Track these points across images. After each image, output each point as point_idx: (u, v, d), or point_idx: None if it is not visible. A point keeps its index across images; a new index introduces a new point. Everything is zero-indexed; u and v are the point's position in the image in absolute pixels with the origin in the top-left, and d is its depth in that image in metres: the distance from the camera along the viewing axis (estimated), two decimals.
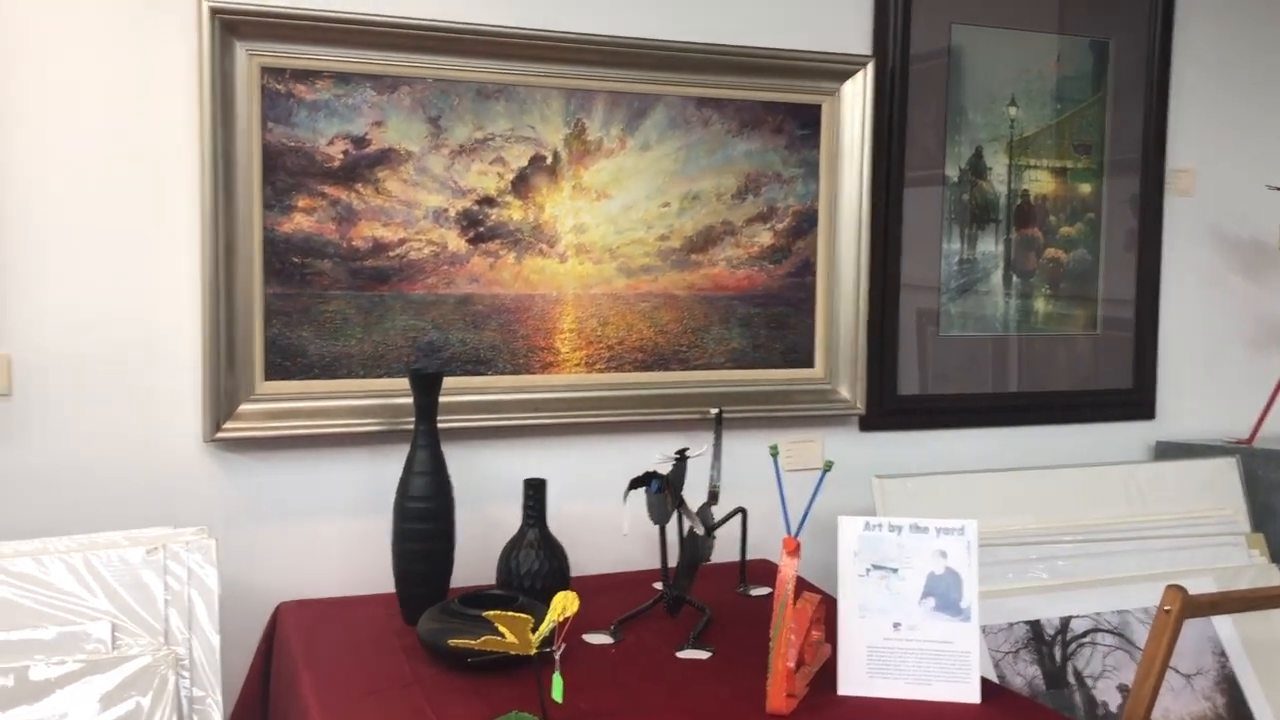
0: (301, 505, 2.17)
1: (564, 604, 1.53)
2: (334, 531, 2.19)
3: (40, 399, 2.00)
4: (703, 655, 1.86)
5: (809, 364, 2.49)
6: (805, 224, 2.46)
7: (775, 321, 2.46)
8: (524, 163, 2.23)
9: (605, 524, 2.26)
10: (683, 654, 1.87)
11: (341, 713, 1.62)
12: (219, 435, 2.06)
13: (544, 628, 1.52)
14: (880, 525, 1.75)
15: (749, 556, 2.24)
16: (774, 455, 1.83)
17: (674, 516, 1.98)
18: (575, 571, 2.11)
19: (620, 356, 2.34)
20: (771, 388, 2.46)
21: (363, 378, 2.16)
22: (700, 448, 2.07)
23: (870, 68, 2.43)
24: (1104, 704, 2.28)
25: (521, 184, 2.24)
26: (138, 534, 1.84)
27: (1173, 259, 2.87)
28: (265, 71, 2.05)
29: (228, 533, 2.07)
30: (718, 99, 2.36)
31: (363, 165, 2.13)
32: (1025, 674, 2.27)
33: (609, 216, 2.30)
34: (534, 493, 2.05)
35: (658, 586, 2.10)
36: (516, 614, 1.51)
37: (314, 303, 2.12)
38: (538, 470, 2.19)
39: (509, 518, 2.10)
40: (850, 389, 2.51)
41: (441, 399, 2.01)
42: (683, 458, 2.03)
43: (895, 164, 2.55)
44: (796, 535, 1.70)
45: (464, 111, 2.19)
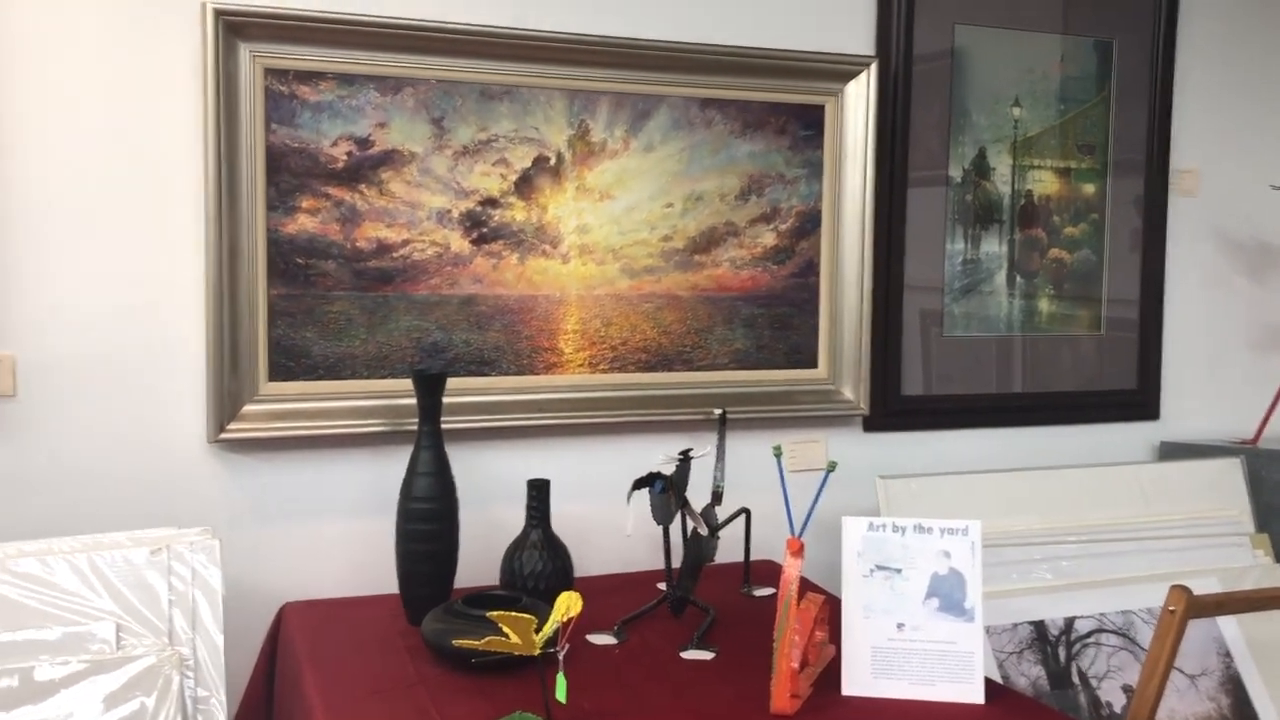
0: (305, 506, 2.17)
1: (567, 604, 1.53)
2: (338, 532, 2.19)
3: (44, 400, 2.00)
4: (706, 656, 1.86)
5: (812, 364, 2.49)
6: (809, 225, 2.46)
7: (779, 322, 2.46)
8: (527, 164, 2.24)
9: (609, 525, 2.26)
10: (686, 654, 1.87)
11: (346, 713, 1.62)
12: (223, 436, 2.06)
13: (547, 628, 1.52)
14: (884, 526, 1.75)
15: (753, 557, 2.24)
16: (777, 456, 1.83)
17: (677, 517, 1.98)
18: (579, 572, 2.11)
19: (624, 357, 2.34)
20: (775, 388, 2.46)
21: (366, 378, 2.16)
22: (704, 448, 2.07)
23: (874, 68, 2.43)
24: (1108, 705, 2.28)
25: (525, 185, 2.24)
26: (142, 534, 1.84)
27: (1177, 259, 2.86)
28: (269, 73, 2.05)
29: (232, 533, 2.07)
30: (721, 100, 2.36)
31: (366, 166, 2.13)
32: (1029, 674, 2.26)
33: (612, 217, 2.31)
34: (537, 493, 2.05)
35: (661, 587, 2.11)
36: (520, 614, 1.50)
37: (318, 304, 2.12)
38: (541, 471, 2.19)
39: (512, 518, 2.10)
40: (854, 389, 2.51)
41: (445, 400, 2.01)
42: (686, 458, 2.03)
43: (899, 164, 2.55)
44: (800, 536, 1.70)
45: (467, 113, 2.19)
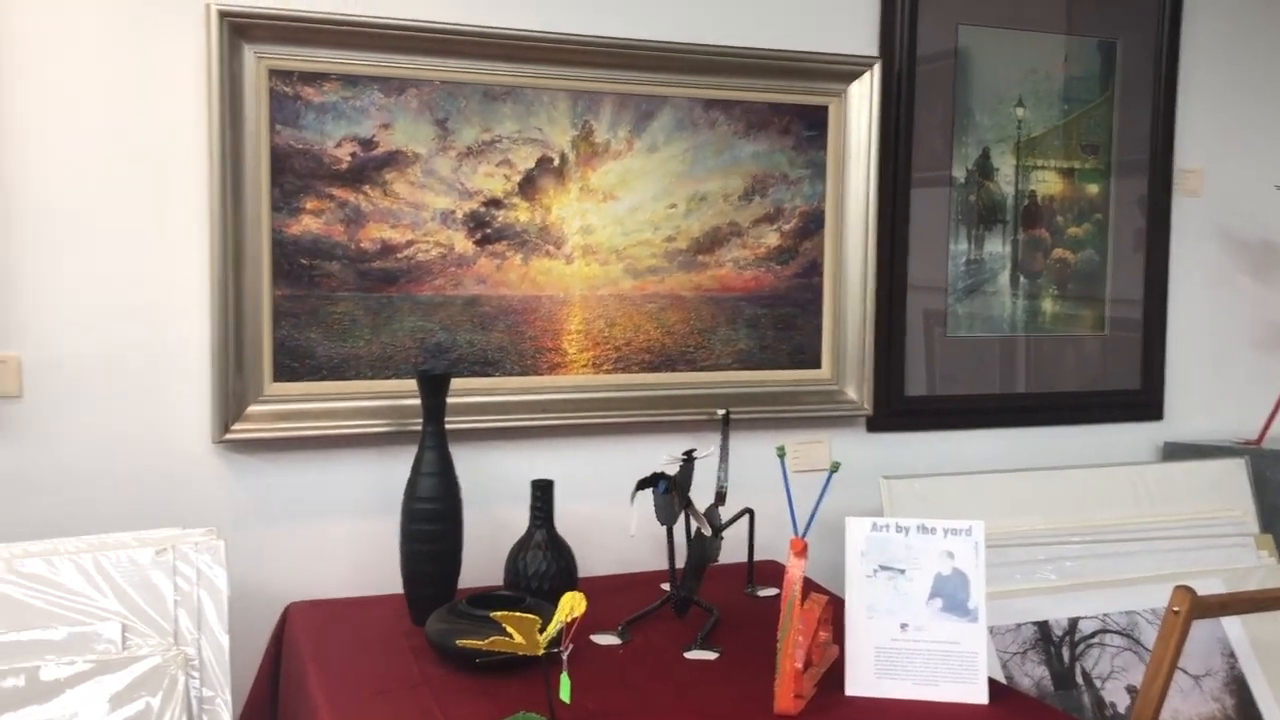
0: (310, 506, 2.17)
1: (571, 604, 1.53)
2: (342, 532, 2.19)
3: (50, 400, 2.00)
4: (710, 656, 1.86)
5: (816, 365, 2.49)
6: (812, 225, 2.46)
7: (782, 322, 2.46)
8: (531, 164, 2.24)
9: (613, 525, 2.26)
10: (690, 654, 1.87)
11: (350, 713, 1.62)
12: (228, 436, 2.07)
13: (551, 628, 1.52)
14: (888, 526, 1.75)
15: (756, 557, 2.24)
16: (781, 456, 1.83)
17: (681, 517, 1.99)
18: (582, 572, 2.11)
19: (627, 357, 2.34)
20: (778, 389, 2.46)
21: (371, 379, 2.16)
22: (707, 449, 2.07)
23: (877, 69, 2.43)
24: (1112, 705, 2.28)
25: (528, 185, 2.24)
26: (147, 535, 1.85)
27: (1181, 259, 2.86)
28: (273, 74, 2.06)
29: (236, 533, 2.08)
30: (725, 100, 2.36)
31: (370, 167, 2.14)
32: (1033, 675, 2.26)
33: (616, 218, 2.31)
34: (541, 494, 2.05)
35: (665, 587, 2.11)
36: (524, 614, 1.51)
37: (322, 304, 2.13)
38: (545, 471, 2.20)
39: (516, 518, 2.11)
40: (857, 390, 2.51)
41: (449, 400, 2.01)
42: (690, 459, 2.03)
43: (902, 165, 2.55)
44: (804, 536, 1.70)
45: (471, 113, 2.19)
